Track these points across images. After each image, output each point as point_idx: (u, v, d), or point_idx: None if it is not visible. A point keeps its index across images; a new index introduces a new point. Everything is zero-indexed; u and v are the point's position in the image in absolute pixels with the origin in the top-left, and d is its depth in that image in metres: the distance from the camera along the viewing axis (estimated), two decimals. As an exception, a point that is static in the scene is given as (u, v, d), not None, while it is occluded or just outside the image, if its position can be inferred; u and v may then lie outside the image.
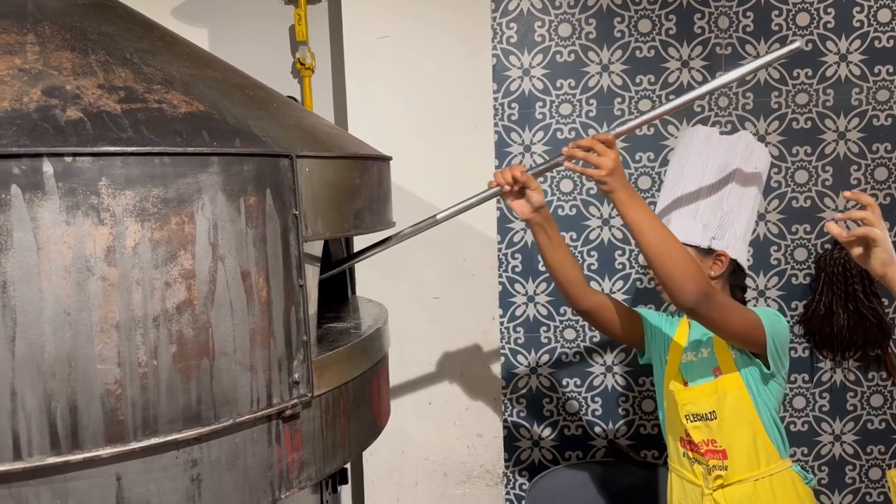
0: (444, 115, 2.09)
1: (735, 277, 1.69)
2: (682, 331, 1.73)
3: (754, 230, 2.42)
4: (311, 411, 1.07)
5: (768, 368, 1.57)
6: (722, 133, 1.74)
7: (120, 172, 0.87)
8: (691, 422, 1.64)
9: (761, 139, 2.38)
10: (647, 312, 1.80)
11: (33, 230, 0.82)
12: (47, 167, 0.82)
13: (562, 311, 2.45)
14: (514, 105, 2.38)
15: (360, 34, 2.07)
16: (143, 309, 0.89)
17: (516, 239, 2.42)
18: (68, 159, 0.84)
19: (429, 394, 2.16)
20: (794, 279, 2.46)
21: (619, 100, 2.38)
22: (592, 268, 2.43)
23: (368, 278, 2.04)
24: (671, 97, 2.37)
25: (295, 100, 2.26)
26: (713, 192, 1.67)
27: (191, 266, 0.92)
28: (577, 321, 2.45)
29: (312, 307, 1.14)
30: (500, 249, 2.39)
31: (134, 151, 0.87)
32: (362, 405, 1.22)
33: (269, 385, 1.00)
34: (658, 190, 2.34)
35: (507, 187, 1.52)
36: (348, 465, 1.75)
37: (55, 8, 1.11)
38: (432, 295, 2.12)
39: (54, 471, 0.85)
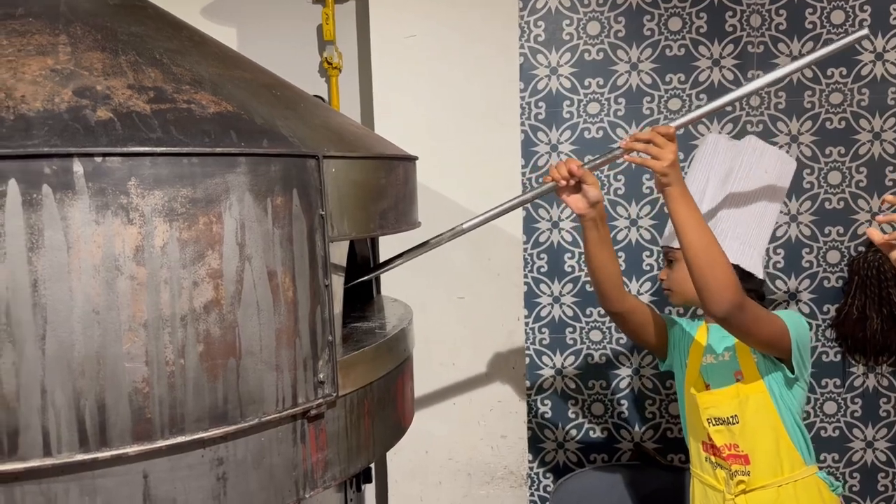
0: (471, 114, 2.09)
1: (746, 283, 1.66)
2: (703, 333, 1.71)
3: (783, 234, 2.37)
4: (335, 411, 1.07)
5: (792, 373, 1.54)
6: (742, 136, 1.71)
7: (149, 172, 0.87)
8: (713, 425, 1.62)
9: (793, 139, 2.34)
10: (669, 317, 1.79)
11: (64, 229, 0.83)
12: (77, 167, 0.83)
13: (588, 312, 2.43)
14: (541, 104, 2.36)
15: (387, 33, 2.07)
16: (170, 308, 0.89)
17: (542, 239, 2.41)
18: (98, 159, 0.85)
19: (453, 394, 2.16)
20: (826, 282, 2.41)
21: (648, 99, 2.35)
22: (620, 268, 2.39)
23: (393, 277, 2.00)
24: (701, 97, 2.34)
25: (322, 99, 2.27)
26: (715, 198, 1.65)
27: (218, 266, 0.92)
28: (603, 322, 2.43)
29: (338, 307, 1.14)
30: (525, 249, 2.37)
31: (163, 152, 0.88)
32: (387, 405, 1.22)
33: (295, 385, 1.01)
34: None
35: (563, 182, 1.49)
36: (372, 465, 1.75)
37: (86, 9, 1.12)
38: (457, 295, 2.11)
39: (83, 468, 0.86)
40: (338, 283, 1.17)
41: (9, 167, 0.81)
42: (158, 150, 0.88)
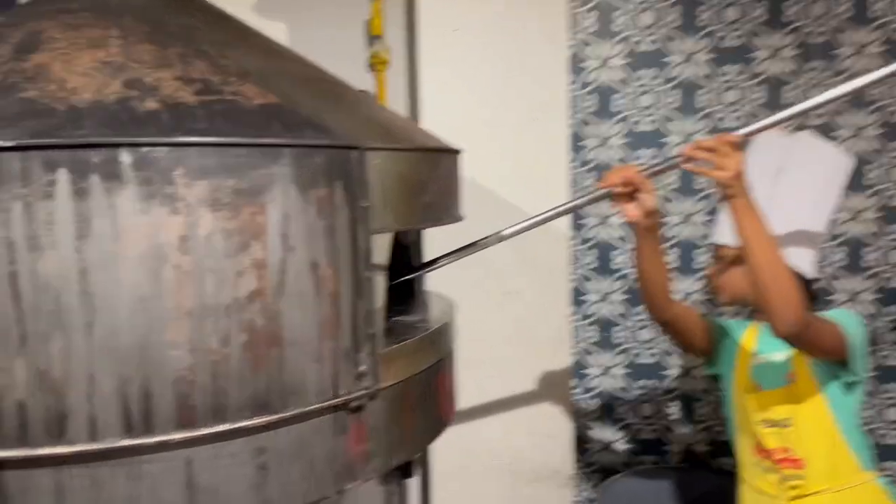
0: (519, 107, 2.07)
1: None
2: (752, 334, 1.66)
3: (844, 232, 2.29)
4: (376, 403, 1.07)
5: (848, 375, 1.49)
6: (803, 130, 1.65)
7: (194, 163, 0.89)
8: (765, 428, 1.57)
9: (856, 133, 2.25)
10: (715, 319, 1.74)
11: (111, 218, 0.85)
12: (125, 157, 0.85)
13: (637, 310, 2.38)
14: (591, 97, 2.33)
15: (434, 26, 2.07)
16: (215, 297, 0.90)
17: (590, 235, 2.37)
18: (145, 149, 0.86)
19: (498, 392, 2.13)
20: (891, 281, 2.31)
21: (702, 91, 2.30)
22: (670, 266, 2.34)
23: (437, 272, 1.99)
24: (759, 88, 2.27)
25: (368, 94, 2.28)
26: (766, 196, 1.59)
27: (262, 256, 0.93)
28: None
29: (379, 300, 1.14)
30: (573, 245, 2.34)
31: (208, 142, 0.89)
32: (428, 400, 1.22)
33: (336, 376, 1.01)
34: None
35: (619, 189, 1.46)
36: (414, 460, 1.76)
37: (137, 2, 1.15)
38: (502, 291, 2.10)
39: (128, 453, 0.88)
40: (380, 276, 1.17)
41: (59, 157, 0.83)
42: (204, 140, 0.89)
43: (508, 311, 2.11)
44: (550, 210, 1.48)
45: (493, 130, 2.07)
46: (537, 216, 1.47)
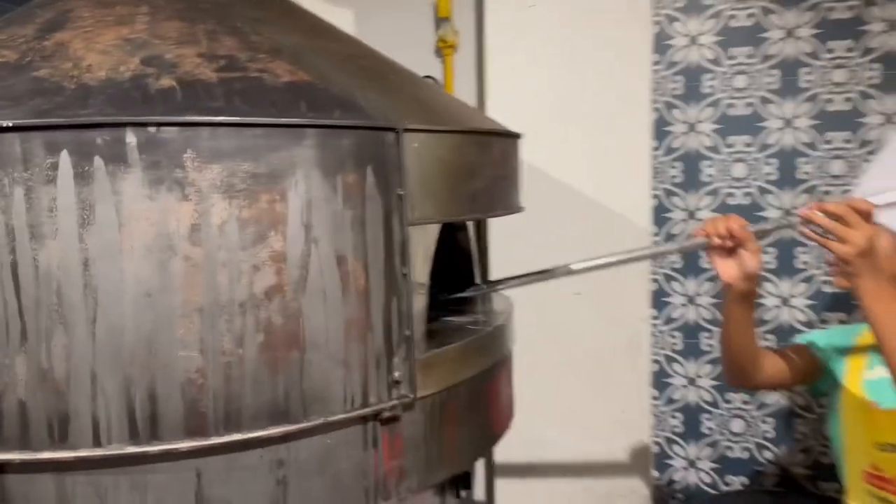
0: (597, 90, 1.97)
1: None
2: (865, 341, 1.48)
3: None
4: (413, 414, 1.00)
5: None
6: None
7: (206, 144, 0.83)
8: (882, 452, 1.40)
9: None
10: (815, 336, 1.57)
11: (115, 205, 0.81)
12: (130, 138, 0.80)
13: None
14: (677, 78, 2.20)
15: (503, 4, 1.99)
16: (228, 293, 0.85)
17: (675, 231, 2.25)
18: (152, 129, 0.81)
19: (568, 401, 2.05)
20: None
21: (806, 70, 2.13)
22: (770, 266, 2.20)
23: (501, 268, 1.94)
24: (873, 66, 2.06)
25: (434, 80, 2.21)
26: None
27: (281, 248, 0.87)
28: None
29: (420, 299, 1.07)
30: (655, 243, 2.20)
31: (220, 122, 0.84)
32: (476, 410, 1.14)
33: (366, 383, 0.94)
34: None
35: (718, 241, 1.30)
36: (473, 471, 1.68)
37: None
38: (573, 290, 1.99)
39: (133, 461, 0.83)
40: (422, 272, 1.10)
41: (61, 138, 0.79)
42: (216, 119, 0.84)
43: (581, 313, 2.01)
44: (633, 251, 1.37)
45: (567, 116, 1.99)
46: (614, 256, 1.35)
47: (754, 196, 2.18)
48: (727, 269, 1.32)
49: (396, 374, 0.97)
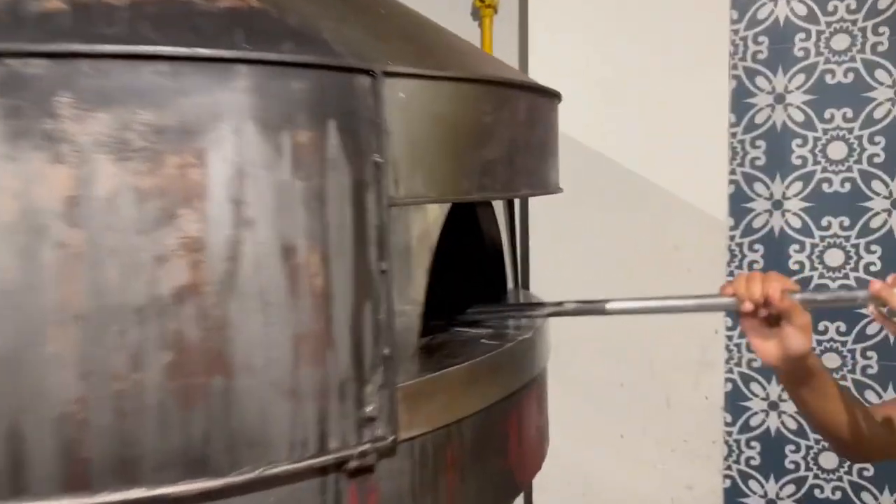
0: (661, 53, 1.86)
1: None
2: None
3: None
4: (394, 462, 0.80)
5: None
6: None
7: (89, 83, 0.63)
8: None
9: None
10: None
11: (-44, 167, 0.60)
12: (-21, 73, 0.60)
13: (822, 327, 2.06)
14: (762, 38, 2.04)
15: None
16: (120, 294, 0.65)
17: (757, 224, 2.10)
18: (12, 61, 0.61)
19: (621, 425, 1.95)
20: None
21: (923, 28, 1.94)
22: (872, 268, 2.01)
23: (541, 266, 1.88)
24: None
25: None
26: None
27: (198, 232, 0.68)
28: (840, 343, 2.05)
29: (417, 304, 0.87)
30: (732, 238, 2.09)
31: (105, 52, 0.63)
32: (488, 452, 0.94)
33: (324, 420, 0.74)
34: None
35: (749, 306, 1.02)
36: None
37: None
38: (628, 294, 1.77)
39: (-15, 526, 0.63)
40: (419, 269, 0.89)
41: None
42: (97, 48, 0.63)
43: (637, 321, 1.81)
44: (651, 299, 1.19)
45: (624, 83, 1.88)
46: (640, 301, 1.21)
47: (856, 182, 2.00)
48: (764, 345, 1.04)
49: (369, 409, 0.76)
